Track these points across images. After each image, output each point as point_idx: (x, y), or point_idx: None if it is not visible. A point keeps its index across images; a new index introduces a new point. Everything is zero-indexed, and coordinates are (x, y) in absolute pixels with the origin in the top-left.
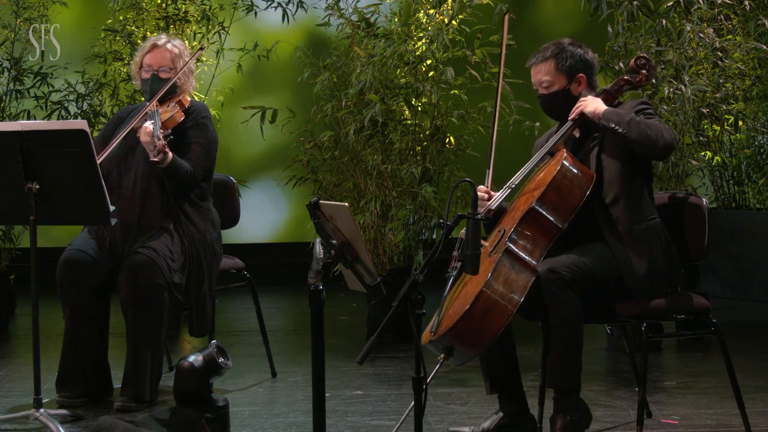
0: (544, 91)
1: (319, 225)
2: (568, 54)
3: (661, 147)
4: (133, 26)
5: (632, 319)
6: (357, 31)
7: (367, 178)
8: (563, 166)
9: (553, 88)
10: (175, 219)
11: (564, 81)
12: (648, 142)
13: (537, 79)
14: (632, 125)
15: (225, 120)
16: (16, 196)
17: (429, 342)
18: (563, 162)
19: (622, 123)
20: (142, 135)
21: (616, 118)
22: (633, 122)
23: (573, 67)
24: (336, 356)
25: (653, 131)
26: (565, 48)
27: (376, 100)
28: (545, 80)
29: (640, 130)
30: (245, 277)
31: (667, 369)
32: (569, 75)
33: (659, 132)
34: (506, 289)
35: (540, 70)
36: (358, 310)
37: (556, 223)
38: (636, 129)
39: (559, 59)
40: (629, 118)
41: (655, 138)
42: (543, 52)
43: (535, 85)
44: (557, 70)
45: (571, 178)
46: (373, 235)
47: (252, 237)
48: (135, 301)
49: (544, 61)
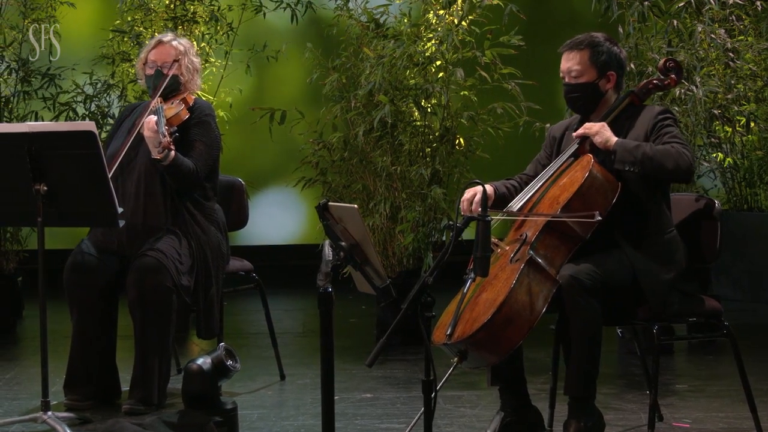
0: (571, 79)
1: (328, 227)
2: (605, 49)
3: (680, 175)
4: (141, 27)
5: (644, 321)
6: (366, 31)
7: (377, 179)
8: (591, 174)
9: (581, 79)
10: (181, 220)
11: (594, 74)
12: (666, 175)
13: (567, 66)
14: (646, 162)
15: (233, 121)
16: (23, 198)
17: (443, 345)
18: (591, 170)
19: (636, 163)
20: (145, 129)
21: (628, 157)
22: (646, 158)
23: (607, 63)
24: (345, 359)
25: (669, 161)
26: (602, 42)
27: (385, 101)
28: (575, 69)
29: (654, 165)
30: (254, 279)
31: (678, 372)
32: (601, 70)
33: (674, 161)
34: (528, 299)
35: (572, 58)
36: (367, 312)
37: (579, 232)
38: (650, 165)
39: (595, 52)
40: (641, 155)
41: (673, 168)
42: (579, 40)
43: (562, 73)
44: (590, 62)
45: (597, 187)
46: (382, 237)
47: (260, 239)
48: (143, 304)
49: (579, 50)
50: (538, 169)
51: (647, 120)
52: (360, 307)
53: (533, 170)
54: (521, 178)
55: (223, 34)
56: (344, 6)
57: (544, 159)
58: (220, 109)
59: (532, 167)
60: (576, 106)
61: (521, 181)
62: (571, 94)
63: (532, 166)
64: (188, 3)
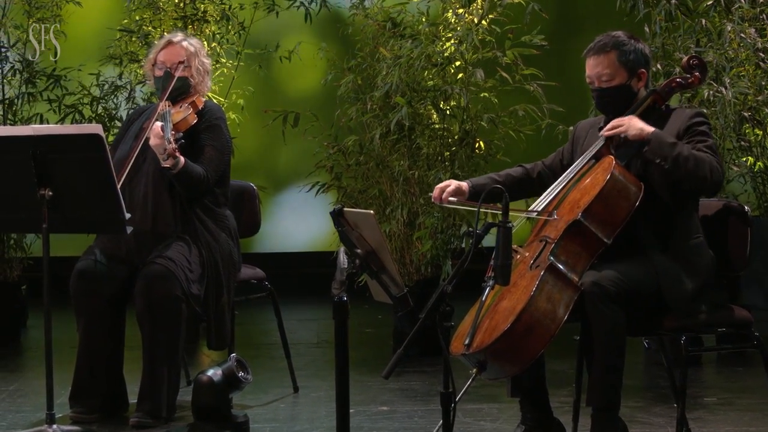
0: (603, 84)
1: (343, 233)
2: (631, 47)
3: (709, 187)
4: (149, 26)
5: (671, 332)
6: (383, 31)
7: (394, 184)
8: (612, 176)
9: (613, 82)
10: (191, 227)
11: (625, 75)
12: (694, 182)
13: (595, 71)
14: (679, 162)
15: (245, 124)
16: (28, 203)
17: (461, 355)
18: (612, 172)
19: (668, 159)
20: (152, 138)
21: (661, 151)
22: (680, 158)
23: (636, 61)
24: (361, 370)
25: (701, 170)
26: (626, 41)
27: (402, 103)
28: (605, 73)
29: (687, 169)
30: (266, 287)
31: (707, 384)
32: (631, 69)
33: (706, 172)
34: (549, 307)
35: (600, 62)
36: (383, 322)
37: (602, 237)
38: (683, 167)
39: (622, 52)
40: (676, 153)
41: (702, 178)
42: (603, 42)
43: (590, 78)
44: (619, 63)
45: (620, 190)
46: (399, 244)
47: (273, 246)
48: (151, 313)
49: (605, 53)
50: (555, 160)
51: (681, 121)
52: (376, 316)
53: (550, 160)
54: (533, 168)
55: (235, 33)
56: (360, 4)
57: (564, 153)
58: (231, 112)
59: (551, 157)
60: (609, 111)
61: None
62: (604, 99)
63: (552, 155)
64: (198, 2)
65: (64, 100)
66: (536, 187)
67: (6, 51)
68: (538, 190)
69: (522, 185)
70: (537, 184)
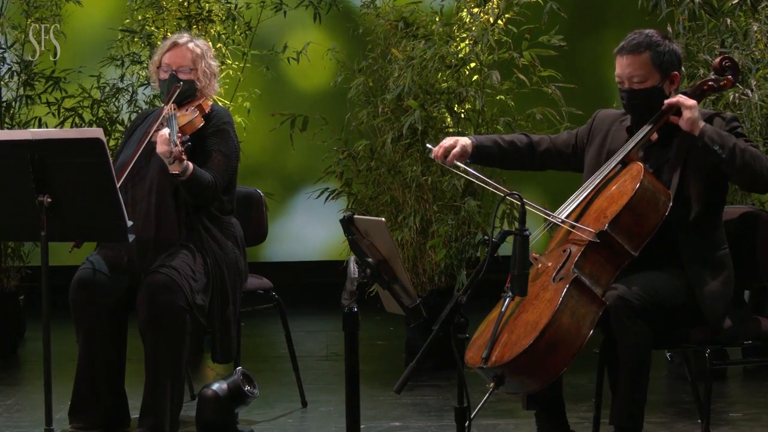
0: (635, 85)
1: (353, 242)
2: (665, 48)
3: (760, 184)
4: (152, 26)
5: (695, 344)
6: (395, 31)
7: (406, 190)
8: (642, 185)
9: (645, 84)
10: (196, 235)
11: (658, 77)
12: (750, 176)
13: (627, 71)
14: (736, 152)
15: (252, 128)
16: (26, 210)
17: (478, 368)
18: (642, 180)
19: (725, 147)
20: (159, 144)
21: (719, 139)
22: (737, 148)
23: (669, 63)
24: (372, 384)
25: (758, 164)
26: (660, 41)
27: (415, 106)
28: (638, 74)
29: (745, 161)
30: (273, 298)
31: (732, 399)
32: (665, 71)
33: (763, 166)
34: (574, 323)
35: (632, 62)
36: (395, 334)
37: (629, 249)
38: (740, 158)
39: (656, 53)
40: (733, 143)
41: (759, 172)
42: (636, 42)
43: (620, 78)
44: (652, 64)
45: (649, 200)
46: (412, 253)
47: (281, 255)
48: (154, 324)
49: (638, 53)
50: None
51: (718, 125)
52: (388, 328)
53: (560, 140)
54: (540, 143)
55: (241, 33)
56: (371, 3)
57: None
58: (237, 115)
59: (562, 136)
60: (638, 113)
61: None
62: (634, 101)
63: (564, 135)
64: (203, 1)
65: (63, 103)
66: (536, 164)
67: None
68: (536, 167)
69: (522, 157)
70: (538, 160)
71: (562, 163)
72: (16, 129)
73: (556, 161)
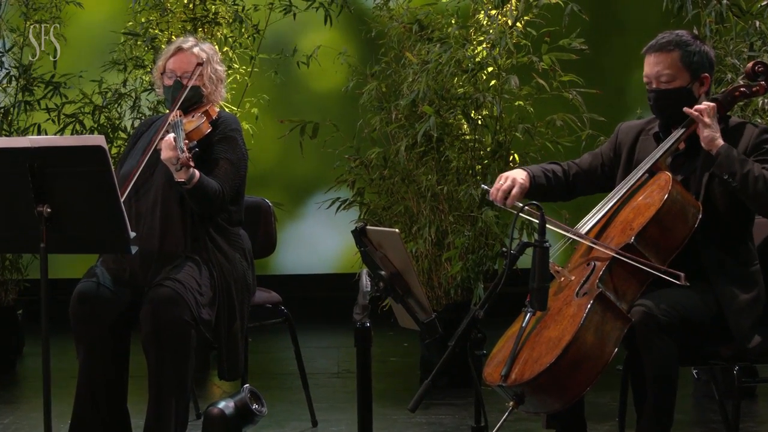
0: (662, 85)
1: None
2: (696, 48)
3: None
4: (156, 29)
5: (724, 361)
6: (409, 34)
7: (420, 200)
8: (670, 195)
9: (673, 84)
10: (202, 247)
11: (687, 78)
12: (761, 205)
13: (655, 70)
14: (749, 180)
15: (260, 135)
16: (24, 221)
17: (497, 386)
18: (670, 191)
19: (736, 174)
20: (164, 150)
21: (730, 166)
22: (750, 176)
23: (700, 64)
24: (385, 403)
25: None
26: (691, 41)
27: (430, 112)
28: (666, 73)
29: (757, 191)
30: (282, 312)
31: (762, 418)
32: (694, 72)
33: None
34: (598, 341)
35: (660, 61)
36: (409, 350)
37: (656, 262)
38: (752, 187)
39: (686, 52)
40: (746, 171)
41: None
42: (666, 40)
43: (648, 77)
44: (682, 64)
45: (677, 212)
46: (427, 266)
47: (290, 267)
48: (158, 340)
49: (667, 52)
50: (593, 164)
51: (748, 137)
52: (402, 344)
53: (587, 163)
54: (570, 167)
55: (248, 37)
56: (384, 5)
57: (604, 157)
58: (244, 121)
59: (587, 159)
60: (666, 115)
61: (569, 171)
62: (662, 102)
63: (588, 158)
64: (209, 2)
65: (63, 109)
66: (568, 191)
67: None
68: (567, 195)
69: (561, 187)
70: (570, 187)
71: (592, 186)
72: (15, 136)
73: (586, 185)
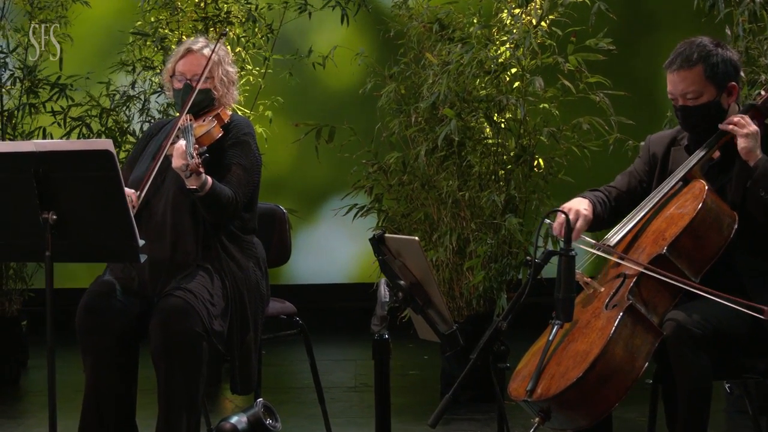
0: (689, 102)
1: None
2: (719, 59)
3: None
4: (166, 29)
5: (757, 375)
6: (429, 34)
7: (441, 207)
8: (705, 205)
9: (701, 100)
10: (214, 255)
11: (714, 91)
12: None
13: (680, 88)
14: None
15: (274, 138)
16: (29, 228)
17: (522, 401)
18: (705, 200)
19: None
20: (175, 158)
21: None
22: None
23: (725, 74)
24: (404, 418)
25: None
26: (712, 50)
27: (451, 115)
28: (691, 90)
29: None
30: (297, 323)
31: None
32: (720, 84)
33: None
34: (627, 355)
35: (684, 78)
36: (430, 363)
37: (689, 274)
38: None
39: (709, 65)
40: None
41: None
42: (686, 55)
43: (673, 94)
44: (706, 78)
45: (712, 222)
46: (447, 275)
47: (305, 276)
48: (168, 352)
49: (689, 68)
50: (631, 183)
51: None
52: (422, 357)
53: (625, 184)
54: (610, 192)
55: (262, 36)
56: (403, 4)
57: (640, 173)
58: (258, 125)
59: (623, 180)
60: (696, 131)
61: (610, 195)
62: (691, 119)
63: (624, 178)
64: (221, 1)
65: (70, 112)
66: (615, 216)
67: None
68: (613, 221)
69: (610, 213)
70: (615, 212)
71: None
72: (19, 140)
73: (628, 206)
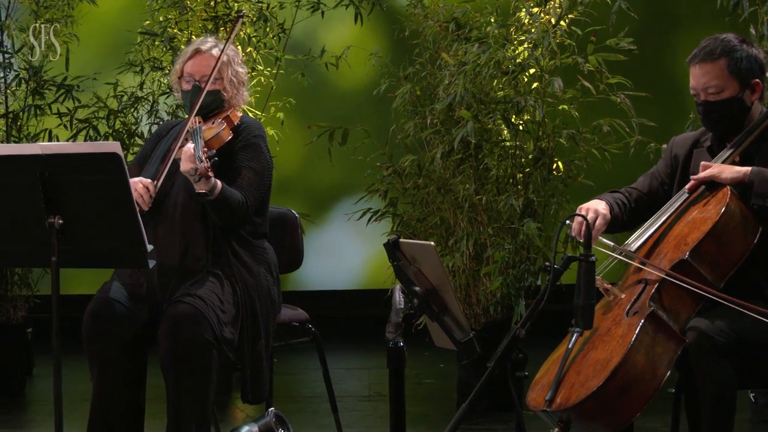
0: (710, 97)
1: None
2: (743, 54)
3: None
4: (175, 29)
5: None
6: (445, 33)
7: (458, 211)
8: (728, 209)
9: (723, 95)
10: (224, 261)
11: (736, 87)
12: None
13: (702, 82)
14: None
15: (285, 141)
16: (35, 233)
17: (541, 411)
18: (728, 204)
19: None
20: (183, 162)
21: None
22: None
23: (749, 70)
24: (419, 428)
25: None
26: (737, 46)
27: (467, 117)
28: (713, 85)
29: None
30: (310, 331)
31: None
32: (743, 80)
33: None
34: (649, 363)
35: (707, 72)
36: (446, 371)
37: (711, 281)
38: None
39: (732, 59)
40: None
41: None
42: (710, 48)
43: (695, 89)
44: (729, 73)
45: (735, 226)
46: (464, 281)
47: (318, 283)
48: (177, 360)
49: (713, 61)
50: (653, 185)
51: None
52: (437, 365)
53: (646, 186)
54: (630, 193)
55: (274, 36)
56: (418, 3)
57: (662, 175)
58: (269, 127)
59: (644, 181)
60: (718, 128)
61: (630, 197)
62: (712, 115)
63: (645, 179)
64: (231, 0)
65: (76, 114)
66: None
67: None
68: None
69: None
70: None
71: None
72: (24, 143)
73: (650, 208)
